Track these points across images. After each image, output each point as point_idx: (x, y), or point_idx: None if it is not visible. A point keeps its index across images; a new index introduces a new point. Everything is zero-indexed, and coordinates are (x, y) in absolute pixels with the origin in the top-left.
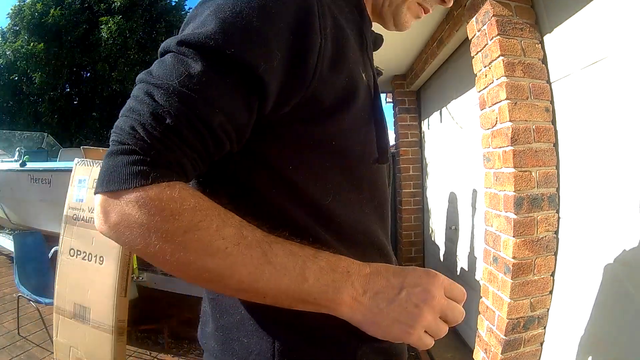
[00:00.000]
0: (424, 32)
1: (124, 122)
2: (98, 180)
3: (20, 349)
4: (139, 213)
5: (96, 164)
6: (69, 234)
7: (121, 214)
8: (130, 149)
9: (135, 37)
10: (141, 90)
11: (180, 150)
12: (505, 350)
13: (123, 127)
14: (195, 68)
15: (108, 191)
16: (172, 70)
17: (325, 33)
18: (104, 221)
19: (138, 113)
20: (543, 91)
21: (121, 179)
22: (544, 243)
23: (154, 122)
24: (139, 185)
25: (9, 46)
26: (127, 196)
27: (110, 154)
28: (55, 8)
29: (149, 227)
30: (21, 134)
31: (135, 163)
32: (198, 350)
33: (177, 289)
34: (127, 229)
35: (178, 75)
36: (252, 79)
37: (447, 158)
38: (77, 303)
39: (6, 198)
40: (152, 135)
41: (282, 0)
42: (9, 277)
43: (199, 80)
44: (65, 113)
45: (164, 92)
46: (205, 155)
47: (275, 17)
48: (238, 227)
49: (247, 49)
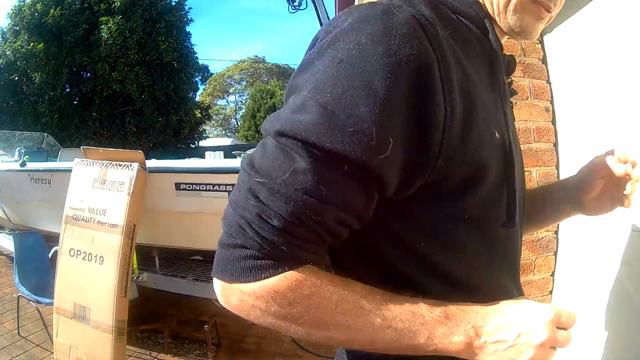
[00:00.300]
0: None
1: (232, 217)
2: (215, 265)
3: (20, 349)
4: (257, 302)
5: (96, 164)
6: (69, 234)
7: (240, 300)
8: (241, 244)
9: (135, 37)
10: (246, 185)
11: (292, 246)
12: None
13: (232, 222)
14: (300, 164)
15: (225, 281)
16: (276, 166)
17: (451, 98)
18: (226, 302)
19: (245, 210)
20: (543, 91)
21: (235, 273)
22: (544, 243)
23: (262, 224)
24: (254, 280)
25: (9, 46)
26: (244, 288)
27: (223, 244)
28: (55, 8)
29: (268, 313)
30: (21, 134)
31: (247, 258)
32: (198, 350)
33: (177, 289)
34: (248, 313)
35: (282, 173)
36: (365, 172)
37: None
38: (77, 303)
39: (6, 198)
40: (260, 236)
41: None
42: (9, 277)
43: (305, 178)
44: (65, 113)
45: (269, 192)
46: (322, 244)
47: (385, 96)
48: (357, 299)
49: (355, 144)
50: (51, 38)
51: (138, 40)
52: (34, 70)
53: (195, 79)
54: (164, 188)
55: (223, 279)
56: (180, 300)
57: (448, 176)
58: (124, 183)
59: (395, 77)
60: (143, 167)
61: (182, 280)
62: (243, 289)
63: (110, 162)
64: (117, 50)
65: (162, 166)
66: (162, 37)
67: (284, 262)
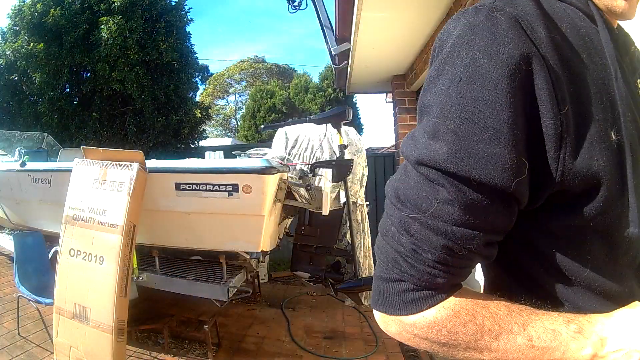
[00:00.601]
0: (424, 32)
1: (386, 250)
2: (374, 298)
3: (20, 349)
4: (418, 332)
5: (96, 164)
6: (69, 234)
7: (400, 329)
8: (398, 278)
9: (135, 37)
10: (397, 220)
11: (448, 275)
12: None
13: (387, 256)
14: (443, 195)
15: (386, 314)
16: (422, 198)
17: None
18: (385, 329)
19: (399, 245)
20: None
21: (395, 307)
22: None
23: (417, 258)
24: (413, 313)
25: (9, 46)
26: (404, 320)
27: (380, 277)
28: (55, 8)
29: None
30: (21, 134)
31: (405, 292)
32: (198, 350)
33: (177, 289)
34: (408, 340)
35: (429, 206)
36: (505, 194)
37: None
38: (77, 303)
39: (6, 198)
40: (417, 269)
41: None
42: (9, 277)
43: (451, 209)
44: (65, 113)
45: (420, 226)
46: (474, 266)
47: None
48: (508, 321)
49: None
50: (51, 38)
51: (138, 40)
52: (34, 70)
53: (195, 79)
54: (164, 188)
55: (384, 312)
56: (180, 300)
57: (569, 188)
58: (124, 183)
59: (513, 91)
60: (143, 167)
61: (182, 280)
62: (404, 321)
63: (110, 162)
64: (117, 50)
65: (162, 166)
66: (162, 37)
67: (440, 293)
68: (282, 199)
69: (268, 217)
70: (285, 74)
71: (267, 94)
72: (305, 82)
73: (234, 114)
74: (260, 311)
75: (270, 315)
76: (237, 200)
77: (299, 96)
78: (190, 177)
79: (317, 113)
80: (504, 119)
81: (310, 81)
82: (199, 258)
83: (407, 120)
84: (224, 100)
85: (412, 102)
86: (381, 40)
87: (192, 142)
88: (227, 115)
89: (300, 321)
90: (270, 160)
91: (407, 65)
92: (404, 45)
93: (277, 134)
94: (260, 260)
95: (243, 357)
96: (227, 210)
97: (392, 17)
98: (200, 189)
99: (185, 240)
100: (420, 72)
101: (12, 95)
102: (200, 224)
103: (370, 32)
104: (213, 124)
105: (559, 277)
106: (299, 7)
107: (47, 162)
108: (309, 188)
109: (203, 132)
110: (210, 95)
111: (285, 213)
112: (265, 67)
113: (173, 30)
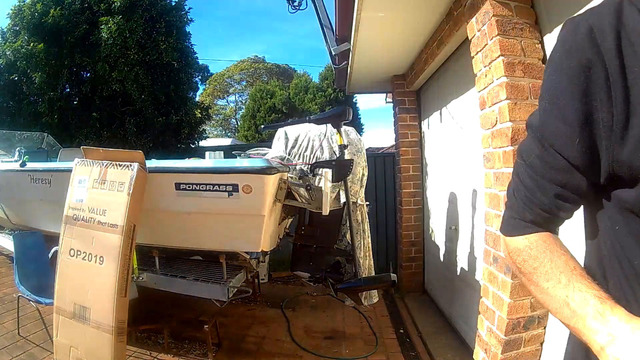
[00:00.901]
0: (424, 32)
1: (509, 187)
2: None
3: (20, 349)
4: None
5: (96, 164)
6: (69, 234)
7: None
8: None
9: (135, 37)
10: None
11: (532, 214)
12: (506, 350)
13: (509, 189)
14: (535, 150)
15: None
16: (526, 150)
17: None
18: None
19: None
20: None
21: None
22: None
23: (518, 194)
24: (509, 236)
25: (9, 46)
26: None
27: (506, 205)
28: (55, 8)
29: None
30: (21, 134)
31: (510, 218)
32: (198, 350)
33: (177, 289)
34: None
35: (528, 157)
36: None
37: (447, 158)
38: (77, 303)
39: (6, 198)
40: (517, 204)
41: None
42: (9, 277)
43: (538, 162)
44: (65, 113)
45: (523, 170)
46: (555, 215)
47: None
48: (561, 272)
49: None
50: (51, 38)
51: (138, 40)
52: (34, 71)
53: (195, 79)
54: (164, 188)
55: (500, 231)
56: (180, 300)
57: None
58: (124, 183)
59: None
60: (143, 167)
61: (182, 280)
62: (506, 241)
63: (110, 162)
64: (117, 50)
65: (162, 166)
66: (162, 37)
67: (528, 227)
68: (282, 199)
69: (268, 217)
70: (285, 74)
71: (267, 94)
72: (305, 82)
73: (234, 114)
74: (260, 311)
75: (270, 315)
76: (237, 200)
77: (299, 96)
78: (190, 177)
79: (317, 113)
80: (571, 105)
81: (310, 81)
82: (199, 258)
83: (407, 120)
84: (224, 100)
85: (412, 102)
86: (381, 40)
87: (192, 142)
88: (227, 115)
89: (300, 321)
90: (270, 160)
91: (407, 65)
92: (404, 45)
93: (277, 134)
94: (260, 260)
95: (243, 357)
96: (227, 210)
97: (392, 17)
98: (200, 189)
99: (185, 240)
100: (420, 72)
101: (12, 96)
102: (200, 224)
103: (370, 32)
104: (213, 124)
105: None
106: (299, 7)
107: (47, 162)
108: (309, 188)
109: (203, 132)
110: (210, 95)
111: (285, 213)
112: (265, 67)
113: (173, 30)
